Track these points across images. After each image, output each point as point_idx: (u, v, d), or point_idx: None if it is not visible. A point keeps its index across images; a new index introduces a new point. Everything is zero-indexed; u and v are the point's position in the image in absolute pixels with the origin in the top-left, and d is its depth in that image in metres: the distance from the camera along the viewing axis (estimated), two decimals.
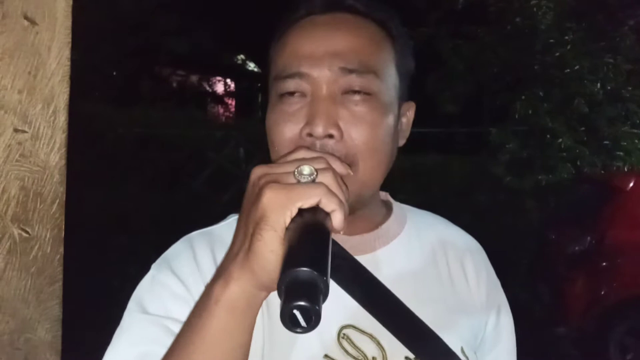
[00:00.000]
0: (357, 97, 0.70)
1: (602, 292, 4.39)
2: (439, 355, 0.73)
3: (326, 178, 0.57)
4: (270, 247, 0.54)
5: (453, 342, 0.74)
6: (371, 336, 0.71)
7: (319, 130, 0.68)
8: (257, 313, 0.60)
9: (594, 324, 4.26)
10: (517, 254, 5.66)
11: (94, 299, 3.35)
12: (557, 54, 6.71)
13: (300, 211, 0.55)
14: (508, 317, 0.85)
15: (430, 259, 0.80)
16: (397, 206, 0.84)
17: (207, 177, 8.82)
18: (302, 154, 0.61)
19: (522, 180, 6.58)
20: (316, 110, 0.69)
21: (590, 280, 4.51)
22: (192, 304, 0.67)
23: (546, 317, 4.81)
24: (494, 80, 7.31)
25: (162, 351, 0.63)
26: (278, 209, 0.54)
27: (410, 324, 0.73)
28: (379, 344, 0.71)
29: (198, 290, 0.69)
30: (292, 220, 0.54)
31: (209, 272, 0.71)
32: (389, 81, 0.73)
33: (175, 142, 9.51)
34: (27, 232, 0.92)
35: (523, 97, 6.79)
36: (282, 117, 0.71)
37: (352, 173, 0.64)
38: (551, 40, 6.78)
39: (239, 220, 0.60)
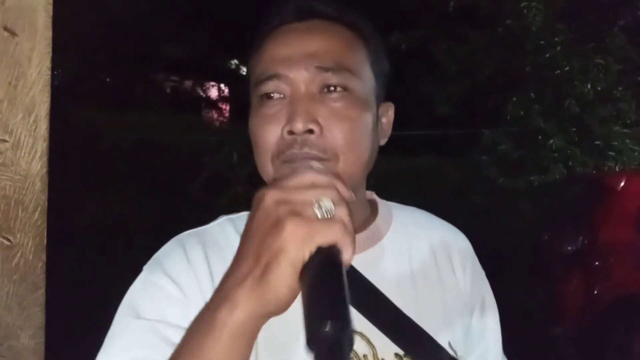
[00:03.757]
0: (334, 95, 0.72)
1: (596, 292, 4.40)
2: (428, 351, 0.74)
3: (342, 213, 0.57)
4: (286, 283, 0.54)
5: (441, 336, 0.76)
6: (361, 334, 0.73)
7: (299, 126, 0.70)
8: (257, 335, 0.60)
9: (590, 324, 4.27)
10: (512, 254, 5.69)
11: (88, 304, 3.35)
12: (548, 55, 6.75)
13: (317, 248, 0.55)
14: (493, 308, 0.87)
15: (417, 256, 0.81)
16: (383, 204, 0.85)
17: (202, 182, 8.83)
18: (311, 176, 0.58)
19: (514, 181, 6.61)
20: (295, 108, 0.71)
21: (584, 280, 4.53)
22: (185, 304, 0.68)
23: (542, 317, 4.83)
24: (486, 82, 7.34)
25: (156, 357, 0.63)
26: (299, 245, 0.54)
27: (399, 322, 0.74)
28: (369, 341, 0.73)
29: (191, 289, 0.70)
30: (309, 257, 0.54)
31: (202, 271, 0.72)
32: (365, 80, 0.76)
33: (170, 148, 9.52)
34: (9, 240, 0.93)
35: (515, 98, 6.83)
36: (264, 120, 0.73)
37: (354, 199, 0.62)
38: (542, 42, 6.82)
39: (244, 240, 0.58)
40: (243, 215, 0.80)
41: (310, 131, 0.70)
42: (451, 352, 0.76)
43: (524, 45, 6.96)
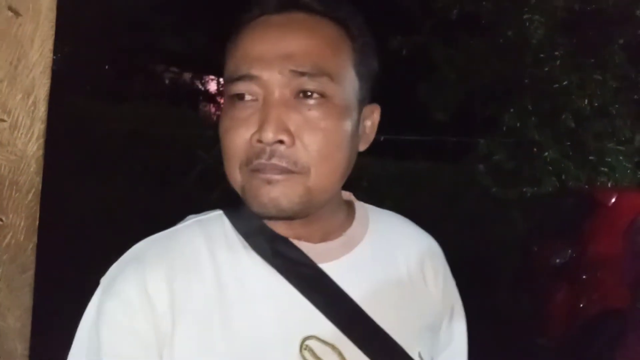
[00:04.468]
0: (310, 101, 0.67)
1: (582, 304, 4.45)
2: None
3: None
4: None
5: (413, 347, 0.75)
6: (333, 347, 0.70)
7: (269, 136, 0.66)
8: None
9: (574, 335, 4.32)
10: (502, 263, 5.72)
11: (78, 291, 3.32)
12: (547, 68, 6.78)
13: None
14: (461, 318, 0.86)
15: (392, 263, 0.79)
16: (360, 207, 0.82)
17: (195, 175, 8.82)
18: None
19: (507, 191, 6.66)
20: (267, 115, 0.67)
21: (571, 292, 4.58)
22: (141, 340, 0.66)
23: (528, 327, 4.87)
24: (484, 91, 7.38)
25: None
26: None
27: (373, 334, 0.72)
28: (340, 354, 0.71)
29: (148, 322, 0.67)
30: None
31: (162, 302, 0.68)
32: (346, 84, 0.70)
33: (166, 140, 9.51)
34: (1, 219, 0.93)
35: (512, 109, 6.87)
36: (234, 123, 0.69)
37: None
38: (541, 55, 6.86)
39: None
40: (213, 217, 0.77)
41: (281, 142, 0.66)
42: None
43: (523, 57, 7.00)
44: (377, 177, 7.47)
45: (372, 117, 0.77)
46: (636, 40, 6.99)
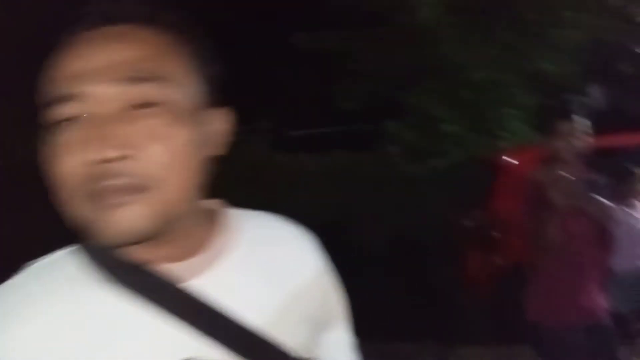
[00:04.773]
0: (148, 110, 0.62)
1: (496, 262, 4.74)
2: None
3: None
4: None
5: (297, 345, 0.73)
6: None
7: (104, 154, 0.59)
8: None
9: (493, 292, 4.60)
10: (427, 239, 5.95)
11: None
12: (442, 47, 7.10)
13: None
14: (343, 309, 0.86)
15: (266, 266, 0.75)
16: (227, 215, 0.77)
17: None
18: None
19: (419, 168, 6.95)
20: (100, 132, 0.60)
21: (487, 253, 4.87)
22: None
23: (452, 292, 5.12)
24: (388, 76, 7.61)
25: None
26: None
27: (255, 342, 0.70)
28: None
29: None
30: None
31: None
32: (183, 88, 0.66)
33: None
34: None
35: (415, 90, 7.16)
36: (62, 149, 0.61)
37: None
38: (436, 35, 7.16)
39: None
40: (60, 257, 0.70)
41: (121, 157, 0.59)
42: None
43: (420, 39, 7.28)
44: (295, 174, 7.53)
45: (221, 121, 0.72)
46: (519, 14, 7.43)
